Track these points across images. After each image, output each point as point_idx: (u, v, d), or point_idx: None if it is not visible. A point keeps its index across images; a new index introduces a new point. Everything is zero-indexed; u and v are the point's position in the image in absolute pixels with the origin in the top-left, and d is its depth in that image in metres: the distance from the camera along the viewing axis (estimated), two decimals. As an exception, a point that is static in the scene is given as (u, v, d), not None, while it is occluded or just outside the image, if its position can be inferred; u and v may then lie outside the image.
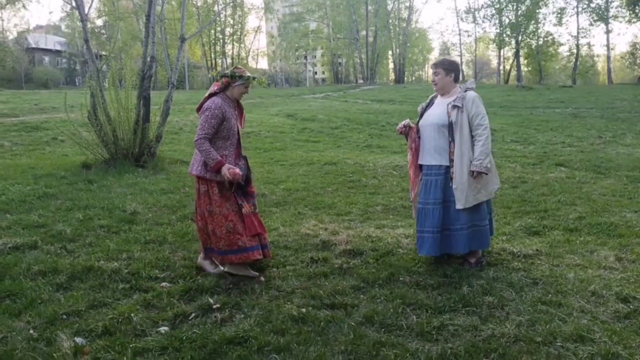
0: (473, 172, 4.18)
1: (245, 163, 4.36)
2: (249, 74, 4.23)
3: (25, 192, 7.09)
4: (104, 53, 36.11)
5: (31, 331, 3.29)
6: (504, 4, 43.99)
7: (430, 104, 4.63)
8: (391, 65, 66.69)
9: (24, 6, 50.81)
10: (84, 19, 10.58)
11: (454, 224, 4.30)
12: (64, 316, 3.50)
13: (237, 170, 4.06)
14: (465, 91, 4.38)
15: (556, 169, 9.49)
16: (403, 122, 4.64)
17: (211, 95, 4.17)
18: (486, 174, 4.21)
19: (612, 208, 6.39)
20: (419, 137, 4.54)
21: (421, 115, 4.60)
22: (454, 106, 4.30)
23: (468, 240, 4.28)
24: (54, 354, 2.99)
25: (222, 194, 4.14)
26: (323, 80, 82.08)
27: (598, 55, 55.85)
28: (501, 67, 55.52)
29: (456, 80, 4.49)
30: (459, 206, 4.23)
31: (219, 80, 4.22)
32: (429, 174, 4.40)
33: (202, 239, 4.36)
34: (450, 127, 4.28)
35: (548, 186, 7.88)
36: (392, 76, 67.37)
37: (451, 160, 4.28)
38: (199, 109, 4.21)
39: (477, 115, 4.26)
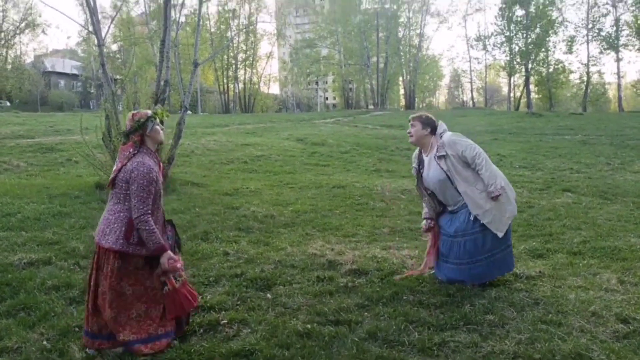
0: (493, 197, 4.30)
1: (173, 229, 3.69)
2: (151, 110, 3.61)
3: (40, 210, 7.27)
4: (118, 77, 36.80)
5: (44, 342, 3.41)
6: (514, 32, 44.44)
7: (420, 163, 4.70)
8: (402, 91, 67.25)
9: (43, 31, 51.98)
10: (100, 43, 10.90)
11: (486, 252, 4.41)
12: (77, 329, 3.61)
13: (179, 264, 3.47)
14: (441, 138, 4.49)
15: (563, 194, 9.54)
16: (426, 223, 4.74)
17: (130, 158, 3.42)
18: (501, 194, 4.33)
19: (617, 233, 6.44)
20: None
21: (419, 177, 4.70)
22: (440, 157, 4.41)
23: (506, 264, 4.49)
24: (67, 364, 3.11)
25: (141, 271, 3.41)
26: (334, 105, 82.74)
27: (609, 83, 55.94)
28: (511, 94, 55.79)
29: (433, 133, 4.56)
30: (500, 234, 4.33)
31: (127, 142, 3.52)
32: (453, 212, 4.52)
33: (92, 322, 3.37)
34: (449, 177, 4.41)
35: (554, 211, 7.94)
36: (402, 102, 67.84)
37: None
38: (113, 182, 3.46)
39: (466, 149, 4.38)
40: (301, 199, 9.16)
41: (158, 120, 3.57)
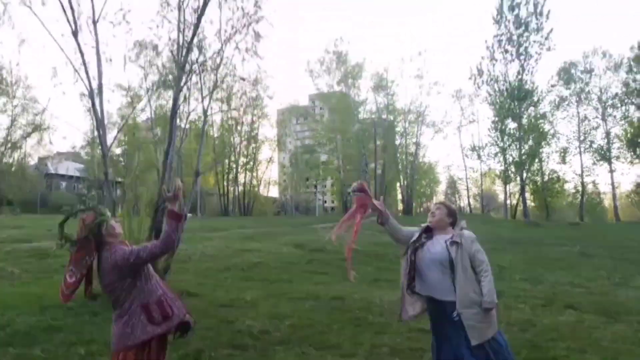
0: (487, 309, 4.25)
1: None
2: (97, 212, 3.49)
3: (30, 323, 7.09)
4: (120, 179, 37.37)
5: None
6: (507, 143, 45.69)
7: (427, 237, 4.69)
8: (399, 197, 68.07)
9: (50, 141, 53.48)
10: (105, 154, 11.16)
11: None
12: None
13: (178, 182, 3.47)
14: (461, 230, 4.55)
15: (565, 311, 9.36)
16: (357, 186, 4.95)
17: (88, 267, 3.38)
18: (493, 308, 4.30)
19: (624, 357, 6.25)
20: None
21: (415, 249, 4.65)
22: (453, 242, 4.45)
23: None
24: None
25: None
26: (332, 208, 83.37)
27: (604, 193, 56.71)
28: (508, 202, 56.47)
29: (452, 225, 4.66)
30: (474, 342, 4.22)
31: (78, 250, 3.42)
32: (452, 310, 4.39)
33: None
34: (451, 263, 4.39)
35: (557, 330, 7.75)
36: (400, 207, 68.46)
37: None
38: (65, 299, 3.48)
39: (478, 252, 4.42)
40: (298, 312, 8.95)
41: (108, 218, 3.51)
